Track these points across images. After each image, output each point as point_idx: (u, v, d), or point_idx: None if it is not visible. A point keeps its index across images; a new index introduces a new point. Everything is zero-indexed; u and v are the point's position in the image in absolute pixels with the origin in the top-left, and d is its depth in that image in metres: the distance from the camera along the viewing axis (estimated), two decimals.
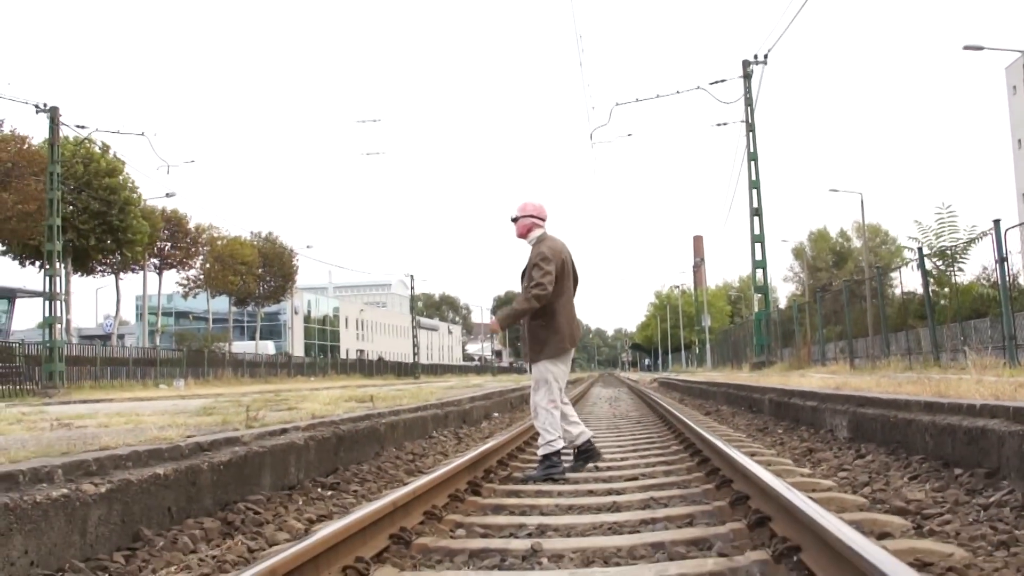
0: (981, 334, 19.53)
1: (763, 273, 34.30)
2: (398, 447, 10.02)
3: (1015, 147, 56.16)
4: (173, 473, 5.38)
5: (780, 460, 7.63)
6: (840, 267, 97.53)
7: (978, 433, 5.87)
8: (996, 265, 14.52)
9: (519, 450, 9.62)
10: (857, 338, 27.15)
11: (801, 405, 11.43)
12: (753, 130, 33.27)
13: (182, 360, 47.70)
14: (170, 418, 8.82)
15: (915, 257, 17.95)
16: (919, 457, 6.75)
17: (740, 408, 16.10)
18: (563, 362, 7.83)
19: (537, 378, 7.78)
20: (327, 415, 9.38)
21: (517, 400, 21.16)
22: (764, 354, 33.77)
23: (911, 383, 9.89)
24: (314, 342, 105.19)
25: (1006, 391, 7.03)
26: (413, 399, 14.21)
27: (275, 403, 12.96)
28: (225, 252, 62.56)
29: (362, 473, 7.92)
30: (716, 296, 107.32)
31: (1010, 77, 55.18)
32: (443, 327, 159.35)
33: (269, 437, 7.03)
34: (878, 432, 8.02)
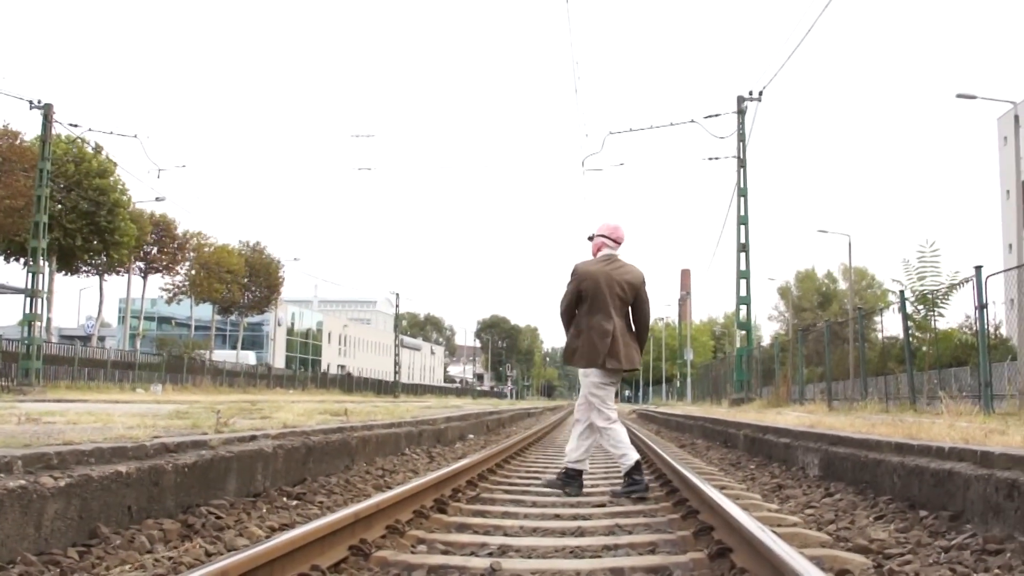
0: (961, 381, 19.63)
1: (747, 310, 34.35)
2: (369, 462, 9.98)
3: (1003, 197, 56.61)
4: (136, 472, 5.32)
5: (749, 495, 7.61)
6: (825, 308, 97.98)
7: (945, 476, 5.87)
8: (976, 312, 14.57)
9: (490, 471, 9.59)
10: (838, 380, 27.22)
11: (775, 442, 11.42)
12: (744, 166, 33.40)
13: (161, 365, 47.55)
14: (140, 419, 8.77)
15: (897, 301, 18.00)
16: (887, 497, 6.75)
17: (715, 442, 16.09)
18: (596, 376, 8.09)
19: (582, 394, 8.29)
20: (299, 425, 9.34)
21: (494, 423, 21.13)
22: (744, 391, 33.80)
23: (884, 425, 9.91)
24: (296, 355, 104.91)
25: (976, 436, 7.04)
26: (388, 416, 14.16)
27: (249, 412, 12.89)
28: (212, 260, 62.44)
29: (330, 485, 7.87)
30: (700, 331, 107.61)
31: (1001, 128, 55.68)
32: (426, 347, 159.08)
33: (238, 443, 6.98)
34: (848, 471, 8.02)
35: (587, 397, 8.05)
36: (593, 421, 8.04)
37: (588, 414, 8.13)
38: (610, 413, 8.01)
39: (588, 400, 8.04)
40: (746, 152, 33.41)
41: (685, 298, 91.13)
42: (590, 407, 8.08)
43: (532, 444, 15.53)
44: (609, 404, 8.07)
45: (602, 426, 7.97)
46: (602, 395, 8.03)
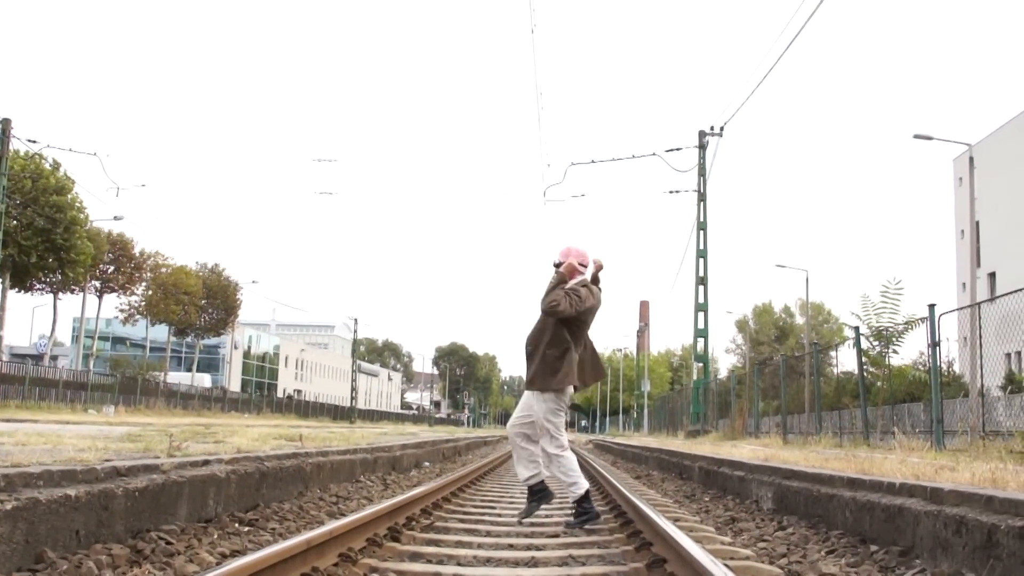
0: (914, 417, 19.82)
1: (705, 343, 34.66)
2: (323, 488, 9.91)
3: (958, 237, 57.50)
4: (85, 496, 5.25)
5: (702, 527, 7.63)
6: (782, 342, 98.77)
7: (896, 511, 5.94)
8: (929, 350, 14.75)
9: (445, 500, 9.55)
10: (793, 413, 27.50)
11: (729, 475, 11.48)
12: (704, 200, 33.77)
13: (114, 386, 46.91)
14: (91, 442, 8.65)
15: (853, 337, 18.20)
16: (839, 531, 6.80)
17: (670, 474, 16.13)
18: (554, 401, 7.89)
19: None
20: (253, 450, 9.25)
21: (450, 451, 21.07)
22: (700, 423, 34.01)
23: (838, 459, 9.98)
24: (252, 379, 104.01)
25: (927, 472, 7.12)
26: (344, 442, 14.07)
27: (203, 435, 12.76)
28: (169, 280, 61.90)
29: (283, 511, 7.80)
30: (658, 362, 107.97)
31: (957, 168, 56.61)
32: (384, 373, 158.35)
33: (190, 467, 6.90)
34: (801, 505, 8.08)
35: (543, 422, 7.81)
36: (544, 448, 7.85)
37: (527, 439, 8.05)
38: (563, 440, 7.88)
39: (543, 426, 7.81)
40: (706, 186, 33.81)
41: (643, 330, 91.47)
42: (534, 432, 7.95)
43: (488, 473, 15.49)
44: (562, 430, 7.94)
45: (554, 452, 7.80)
46: (557, 421, 7.89)
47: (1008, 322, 12.68)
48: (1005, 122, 54.32)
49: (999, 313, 13.26)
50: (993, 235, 52.62)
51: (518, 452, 8.14)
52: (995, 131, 54.76)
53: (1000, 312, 13.21)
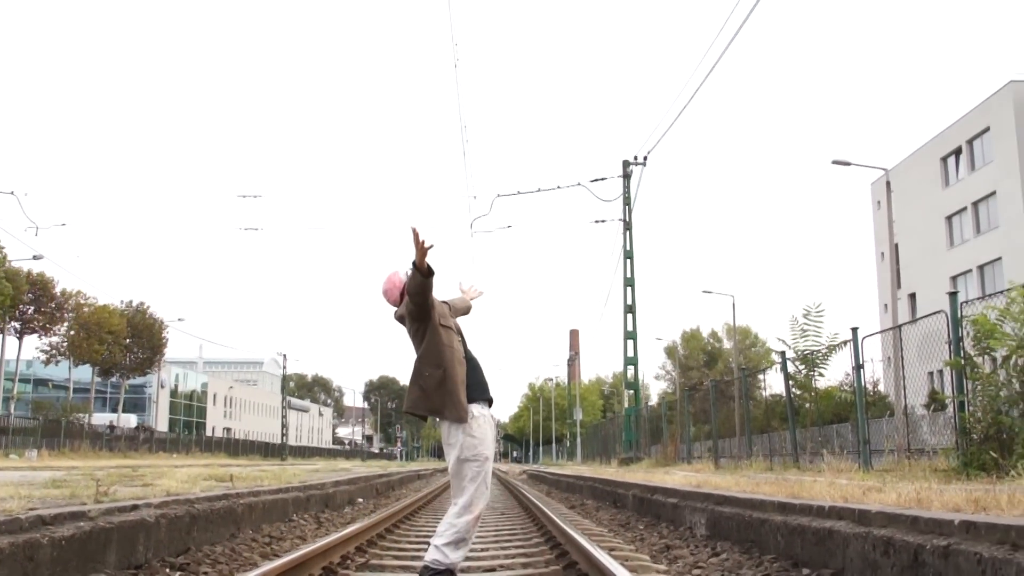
0: (843, 438, 20.13)
1: (635, 370, 34.96)
2: (255, 529, 9.77)
3: (878, 259, 58.76)
4: (9, 547, 5.12)
5: (638, 556, 7.67)
6: (711, 367, 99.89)
7: (825, 534, 6.03)
8: (853, 372, 15.03)
9: (380, 537, 9.49)
10: (724, 437, 27.76)
11: (663, 502, 11.55)
12: (630, 228, 34.16)
13: (37, 429, 45.65)
14: (14, 489, 8.42)
15: (780, 361, 18.48)
16: (771, 556, 6.89)
17: (605, 503, 16.18)
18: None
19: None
20: (183, 493, 9.09)
21: (383, 486, 20.91)
22: (632, 450, 34.20)
23: (769, 484, 10.11)
24: (180, 418, 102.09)
25: (855, 494, 7.24)
26: (275, 480, 13.89)
27: (131, 478, 12.51)
28: (92, 320, 60.53)
29: (215, 554, 7.68)
30: (589, 390, 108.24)
31: (875, 193, 57.91)
32: (314, 409, 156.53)
33: (118, 513, 6.76)
34: (734, 530, 8.17)
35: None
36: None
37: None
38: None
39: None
40: (632, 215, 34.22)
41: (574, 358, 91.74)
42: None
43: (422, 507, 15.41)
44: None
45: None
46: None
47: (929, 342, 12.96)
48: (919, 146, 55.80)
49: (920, 333, 13.56)
50: (912, 257, 54.07)
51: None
52: (910, 155, 56.24)
53: (921, 332, 13.52)
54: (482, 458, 5.63)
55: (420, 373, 5.76)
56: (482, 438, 5.66)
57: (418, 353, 5.82)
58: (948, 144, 52.80)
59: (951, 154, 52.87)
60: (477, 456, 5.60)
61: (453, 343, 5.80)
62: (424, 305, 5.69)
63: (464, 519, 5.52)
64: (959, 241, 52.03)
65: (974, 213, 50.57)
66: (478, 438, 5.63)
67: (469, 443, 5.61)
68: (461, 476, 5.64)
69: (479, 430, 5.66)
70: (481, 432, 5.67)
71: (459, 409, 5.61)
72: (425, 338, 5.77)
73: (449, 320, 5.93)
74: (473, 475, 5.60)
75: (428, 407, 5.71)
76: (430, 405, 5.70)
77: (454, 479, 5.72)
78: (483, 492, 5.65)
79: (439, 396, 5.65)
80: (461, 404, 5.63)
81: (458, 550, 5.53)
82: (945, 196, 52.93)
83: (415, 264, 5.45)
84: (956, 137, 51.91)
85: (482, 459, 5.63)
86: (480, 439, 5.65)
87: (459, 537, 5.50)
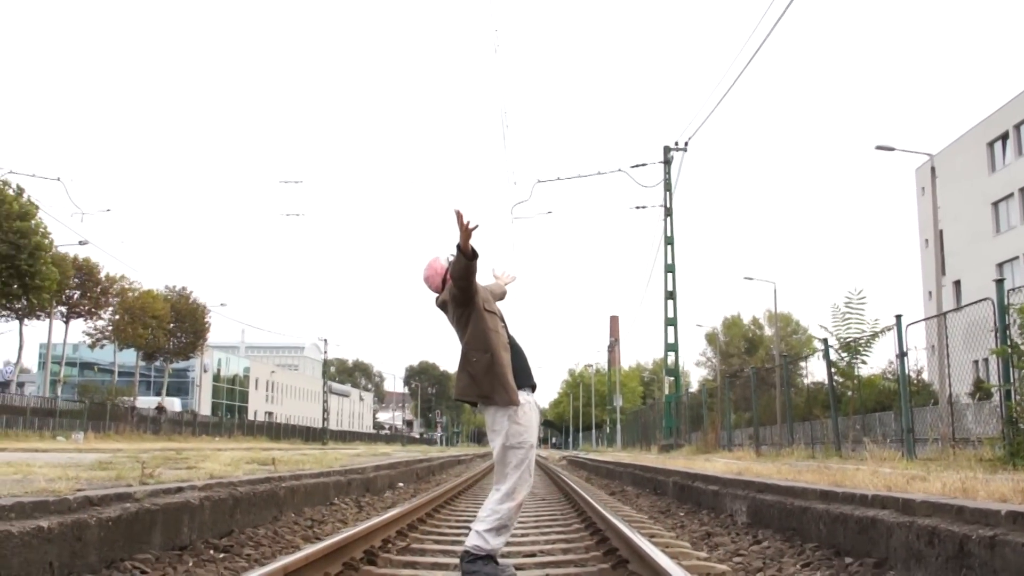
0: (885, 426, 19.93)
1: (675, 356, 34.82)
2: (297, 512, 9.85)
3: (922, 246, 58.04)
4: (58, 527, 5.20)
5: (678, 543, 7.66)
6: (752, 354, 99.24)
7: (869, 523, 5.97)
8: (897, 359, 14.88)
9: (420, 521, 9.54)
10: (765, 425, 27.58)
11: (704, 489, 11.51)
12: (671, 214, 33.97)
13: (83, 412, 46.32)
14: (62, 470, 8.56)
15: (822, 348, 18.33)
16: (813, 544, 6.83)
17: (645, 489, 16.16)
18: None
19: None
20: (226, 476, 9.19)
21: (424, 471, 21.00)
22: (672, 437, 34.09)
23: (810, 471, 10.04)
24: (222, 402, 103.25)
25: (899, 483, 7.17)
26: (317, 464, 13.99)
27: (175, 461, 12.66)
28: (136, 305, 61.28)
29: (257, 537, 7.76)
30: (629, 377, 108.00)
31: (919, 178, 57.16)
32: (355, 393, 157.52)
33: (163, 495, 6.84)
34: (775, 518, 8.12)
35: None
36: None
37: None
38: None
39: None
40: (672, 201, 34.02)
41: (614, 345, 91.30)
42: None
43: (463, 492, 15.46)
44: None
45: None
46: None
47: (974, 330, 12.80)
48: (965, 131, 54.93)
49: (965, 321, 13.39)
50: (957, 243, 53.20)
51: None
52: (955, 140, 55.39)
53: (967, 320, 13.34)
54: (527, 445, 5.62)
55: (468, 359, 5.72)
56: (527, 425, 5.65)
57: (463, 340, 5.77)
58: (995, 129, 51.87)
59: (998, 139, 51.96)
60: (522, 443, 5.59)
61: (498, 328, 5.77)
62: (468, 290, 5.65)
63: (507, 506, 5.51)
64: (1006, 227, 51.20)
65: (1021, 199, 49.74)
66: (523, 425, 5.62)
67: (515, 430, 5.59)
68: (505, 463, 5.63)
69: (524, 417, 5.64)
70: (526, 419, 5.65)
71: (509, 392, 5.58)
72: (470, 323, 5.73)
73: (493, 305, 5.90)
74: (517, 462, 5.59)
75: (478, 393, 5.67)
76: (480, 391, 5.66)
77: (498, 465, 5.70)
78: (526, 479, 5.64)
79: (488, 381, 5.61)
80: (511, 387, 5.60)
81: (499, 536, 5.53)
82: (992, 182, 52.09)
83: (459, 247, 5.41)
84: (1003, 121, 50.96)
85: (527, 446, 5.62)
86: (525, 426, 5.63)
87: (501, 523, 5.51)
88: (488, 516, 5.53)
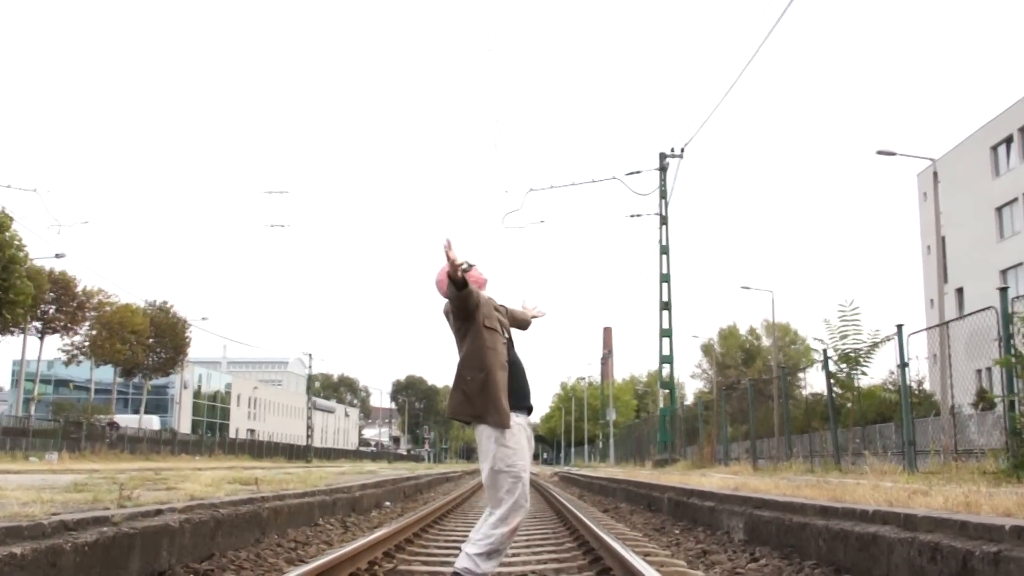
0: (886, 438, 19.84)
1: (670, 368, 34.63)
2: (281, 534, 9.66)
3: (924, 253, 57.84)
4: (31, 553, 5.01)
5: (673, 561, 7.50)
6: (749, 365, 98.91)
7: (869, 539, 5.90)
8: (898, 370, 14.74)
9: (407, 542, 9.38)
10: (763, 437, 27.40)
11: (699, 505, 11.40)
12: (666, 223, 33.87)
13: (57, 432, 45.69)
14: (36, 493, 8.32)
15: (821, 359, 18.16)
16: (812, 561, 6.74)
17: (639, 506, 16.04)
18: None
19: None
20: (207, 497, 8.99)
21: (411, 489, 20.83)
22: (667, 451, 33.84)
23: (809, 486, 9.92)
24: (203, 419, 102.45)
25: (900, 497, 7.06)
26: (301, 484, 13.82)
27: (154, 482, 12.44)
28: (114, 319, 60.55)
29: (240, 560, 7.57)
30: (623, 390, 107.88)
31: (921, 184, 56.67)
32: (340, 409, 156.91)
33: (142, 518, 6.65)
34: (773, 535, 8.00)
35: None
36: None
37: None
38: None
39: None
40: (668, 209, 33.93)
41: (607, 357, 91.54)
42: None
43: (452, 511, 15.29)
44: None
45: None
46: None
47: (977, 338, 12.69)
48: (968, 135, 54.55)
49: (968, 330, 13.28)
50: (960, 250, 52.55)
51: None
52: (958, 144, 54.78)
53: (969, 329, 13.24)
54: (517, 469, 5.42)
55: (463, 377, 5.58)
56: (517, 448, 5.45)
57: (460, 354, 5.63)
58: (999, 132, 51.09)
59: (1002, 143, 51.13)
60: (512, 467, 5.40)
61: (497, 346, 5.59)
62: (464, 310, 5.53)
63: (500, 531, 5.34)
64: (1010, 233, 50.50)
65: None
66: (512, 448, 5.43)
67: (502, 453, 5.41)
68: (497, 487, 5.44)
69: (513, 439, 5.45)
70: (516, 442, 5.45)
71: (501, 414, 5.41)
72: (468, 338, 5.59)
73: (495, 321, 5.69)
74: (509, 487, 5.40)
75: (471, 412, 5.52)
76: (472, 410, 5.50)
77: (489, 490, 5.52)
78: (522, 505, 5.44)
79: (481, 401, 5.45)
80: (503, 410, 5.43)
81: (490, 560, 5.37)
82: (995, 186, 51.38)
83: (449, 276, 5.28)
84: (1007, 125, 50.17)
85: (517, 470, 5.41)
86: (515, 449, 5.44)
87: (493, 548, 5.34)
88: (480, 540, 5.36)
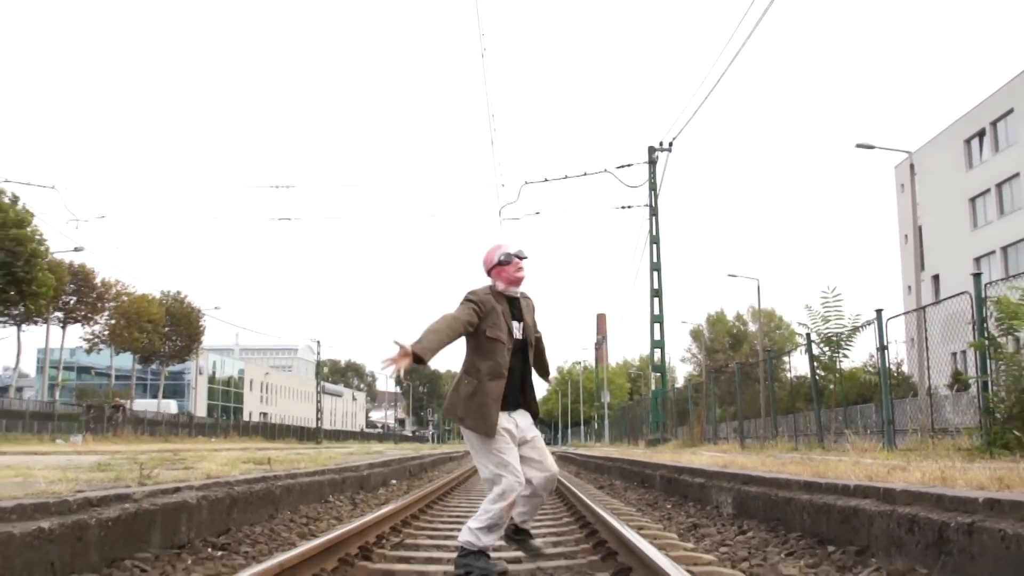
0: (866, 418, 20.15)
1: (661, 353, 34.98)
2: (293, 510, 9.97)
3: (902, 242, 58.36)
4: (59, 527, 5.29)
5: (665, 534, 7.80)
6: (736, 349, 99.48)
7: (851, 512, 6.12)
8: (878, 353, 15.05)
9: (414, 517, 9.64)
10: (750, 418, 27.83)
11: (690, 482, 11.66)
12: (656, 214, 34.11)
13: (81, 415, 46.27)
14: (62, 473, 8.67)
15: (804, 343, 18.53)
16: (797, 534, 6.98)
17: (633, 483, 16.30)
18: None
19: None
20: (223, 475, 9.31)
21: (416, 468, 21.12)
22: (659, 431, 34.39)
23: (794, 463, 10.20)
24: (217, 403, 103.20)
25: (880, 473, 7.30)
26: (311, 463, 14.11)
27: (172, 462, 12.75)
28: (131, 309, 61.38)
29: (255, 534, 7.87)
30: (616, 373, 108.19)
31: (899, 176, 57.55)
32: (348, 393, 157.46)
33: (161, 495, 6.95)
34: (760, 509, 8.26)
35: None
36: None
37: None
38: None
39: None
40: (657, 200, 34.17)
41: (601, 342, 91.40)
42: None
43: (455, 488, 15.58)
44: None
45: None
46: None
47: (952, 323, 12.98)
48: (943, 129, 55.30)
49: (944, 314, 13.58)
50: (936, 238, 53.73)
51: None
52: (934, 138, 55.78)
53: (945, 313, 13.53)
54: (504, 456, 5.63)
55: (460, 381, 5.83)
56: (504, 449, 5.66)
57: (465, 355, 5.84)
58: (972, 126, 52.20)
59: (975, 136, 52.33)
60: (499, 452, 5.63)
61: (496, 355, 5.73)
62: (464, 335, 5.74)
63: (497, 506, 5.59)
64: (983, 222, 51.57)
65: (998, 195, 50.19)
66: (496, 451, 5.66)
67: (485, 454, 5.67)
68: (487, 470, 5.71)
69: (496, 445, 5.65)
70: (500, 447, 5.65)
71: (487, 424, 5.60)
72: (470, 344, 5.82)
73: (501, 331, 5.78)
74: (498, 465, 5.62)
75: (458, 415, 5.75)
76: (460, 413, 5.74)
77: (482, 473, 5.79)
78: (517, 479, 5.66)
79: (469, 407, 5.68)
80: (490, 420, 5.60)
81: (491, 534, 5.65)
82: (969, 178, 52.46)
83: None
84: (980, 119, 51.33)
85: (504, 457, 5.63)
86: (500, 450, 5.65)
87: (492, 522, 5.61)
88: (481, 515, 5.64)
